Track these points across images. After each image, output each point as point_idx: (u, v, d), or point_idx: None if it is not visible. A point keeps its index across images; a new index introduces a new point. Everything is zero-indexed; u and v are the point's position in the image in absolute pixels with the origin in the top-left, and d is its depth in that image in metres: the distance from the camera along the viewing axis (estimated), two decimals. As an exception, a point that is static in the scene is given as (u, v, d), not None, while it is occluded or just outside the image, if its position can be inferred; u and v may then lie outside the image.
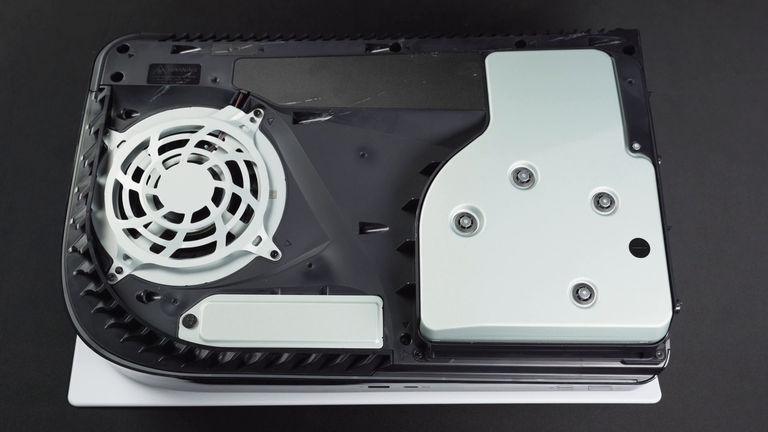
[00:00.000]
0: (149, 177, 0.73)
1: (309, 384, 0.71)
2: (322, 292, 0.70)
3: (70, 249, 0.71)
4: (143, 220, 0.72)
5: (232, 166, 0.74)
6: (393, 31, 0.82)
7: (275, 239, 0.72)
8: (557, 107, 0.75)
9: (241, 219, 0.72)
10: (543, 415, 0.79)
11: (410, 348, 0.69)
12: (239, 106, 0.77)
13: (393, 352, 0.68)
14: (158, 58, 0.79)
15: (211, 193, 0.72)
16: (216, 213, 0.71)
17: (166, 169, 0.73)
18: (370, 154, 0.76)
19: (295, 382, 0.71)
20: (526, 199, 0.71)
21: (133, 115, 0.77)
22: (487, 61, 0.78)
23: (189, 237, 0.71)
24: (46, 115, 0.93)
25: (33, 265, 0.85)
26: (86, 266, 0.70)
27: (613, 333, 0.67)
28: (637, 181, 0.72)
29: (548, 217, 0.70)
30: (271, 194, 0.74)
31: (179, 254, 0.71)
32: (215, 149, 0.75)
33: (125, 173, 0.73)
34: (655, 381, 0.78)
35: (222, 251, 0.71)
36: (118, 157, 0.74)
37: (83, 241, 0.71)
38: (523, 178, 0.72)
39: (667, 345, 0.70)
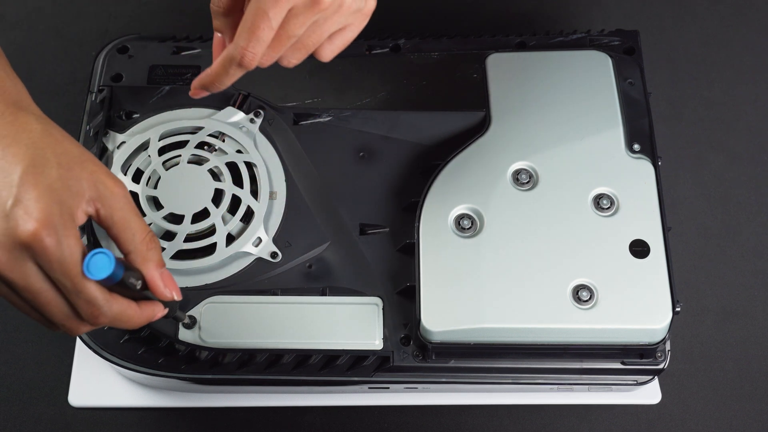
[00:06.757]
0: (149, 178, 0.73)
1: (309, 385, 0.71)
2: (323, 293, 0.70)
3: (70, 250, 0.71)
4: (143, 221, 0.71)
5: (232, 167, 0.74)
6: (393, 32, 0.82)
7: (275, 240, 0.72)
8: (557, 108, 0.75)
9: (241, 220, 0.72)
10: (543, 416, 0.79)
11: (410, 349, 0.69)
12: (239, 107, 0.77)
13: (393, 353, 0.68)
14: (158, 59, 0.79)
15: (211, 194, 0.72)
16: (216, 214, 0.71)
17: (166, 170, 0.73)
18: (370, 155, 0.75)
19: (295, 383, 0.71)
20: (527, 201, 0.71)
21: (133, 116, 0.77)
22: (487, 62, 0.78)
23: (189, 238, 0.71)
24: (45, 115, 0.93)
25: (33, 265, 0.84)
26: (86, 267, 0.70)
27: (614, 334, 0.67)
28: (637, 182, 0.72)
29: (548, 218, 0.70)
30: (271, 195, 0.74)
31: (179, 255, 0.71)
32: (215, 150, 0.75)
33: (125, 174, 0.73)
34: (656, 382, 0.78)
35: (222, 252, 0.70)
36: (118, 158, 0.74)
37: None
38: (524, 179, 0.72)
39: (668, 346, 0.70)
